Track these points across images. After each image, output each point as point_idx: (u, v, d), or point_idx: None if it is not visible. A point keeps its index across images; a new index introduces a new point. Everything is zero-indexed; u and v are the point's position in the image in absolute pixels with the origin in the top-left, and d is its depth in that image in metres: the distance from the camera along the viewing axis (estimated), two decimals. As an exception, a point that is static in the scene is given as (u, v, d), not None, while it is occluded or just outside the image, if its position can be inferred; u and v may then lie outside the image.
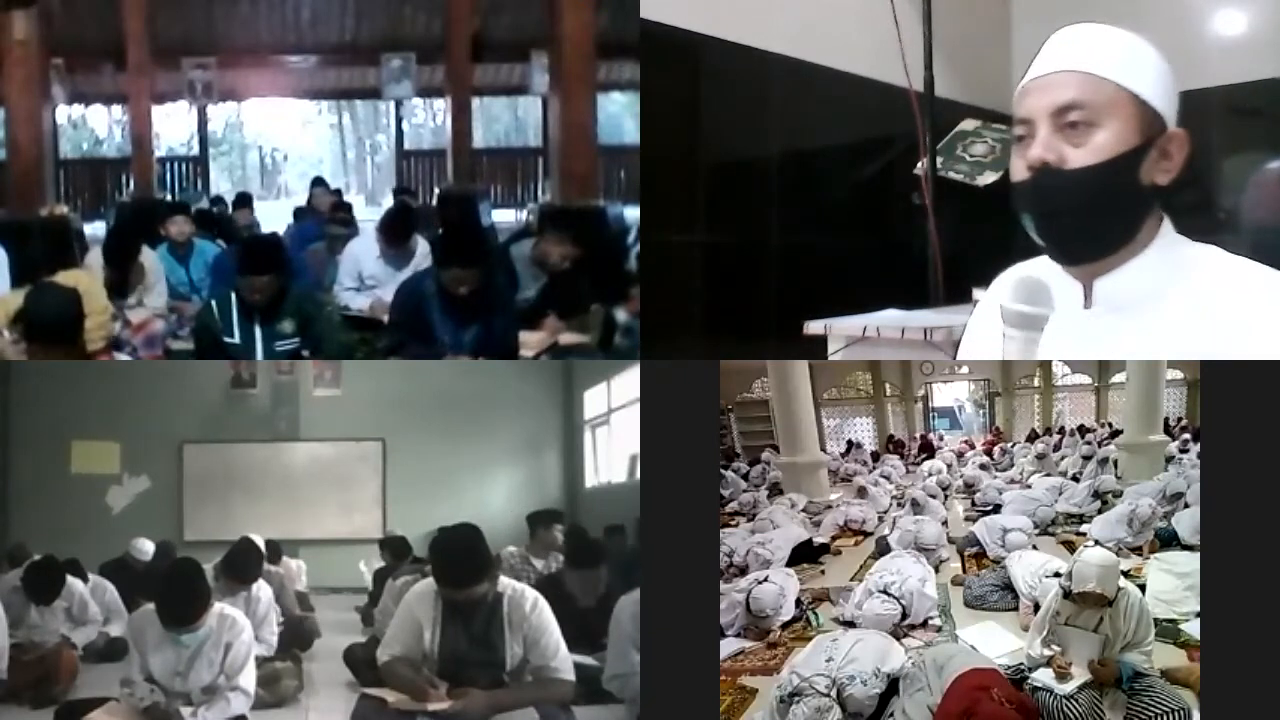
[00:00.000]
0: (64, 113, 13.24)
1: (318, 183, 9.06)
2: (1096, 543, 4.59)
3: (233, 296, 3.98)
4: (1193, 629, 3.33)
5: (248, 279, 3.89)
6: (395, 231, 5.55)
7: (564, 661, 2.71)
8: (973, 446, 11.86)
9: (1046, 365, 12.79)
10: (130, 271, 5.20)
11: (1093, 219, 1.68)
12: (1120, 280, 1.72)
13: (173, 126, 13.76)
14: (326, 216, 7.34)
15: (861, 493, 7.04)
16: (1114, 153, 1.66)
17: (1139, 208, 1.71)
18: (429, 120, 16.69)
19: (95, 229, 8.92)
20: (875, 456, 11.37)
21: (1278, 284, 1.67)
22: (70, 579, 4.26)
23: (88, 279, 3.73)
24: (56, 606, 4.12)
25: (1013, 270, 1.86)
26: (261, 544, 4.96)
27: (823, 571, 5.21)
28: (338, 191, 9.27)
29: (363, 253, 5.59)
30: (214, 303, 4.07)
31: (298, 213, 8.42)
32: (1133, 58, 1.72)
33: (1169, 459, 7.45)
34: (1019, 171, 1.72)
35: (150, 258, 5.49)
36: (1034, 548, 4.75)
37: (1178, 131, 1.73)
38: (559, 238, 4.68)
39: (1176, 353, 1.69)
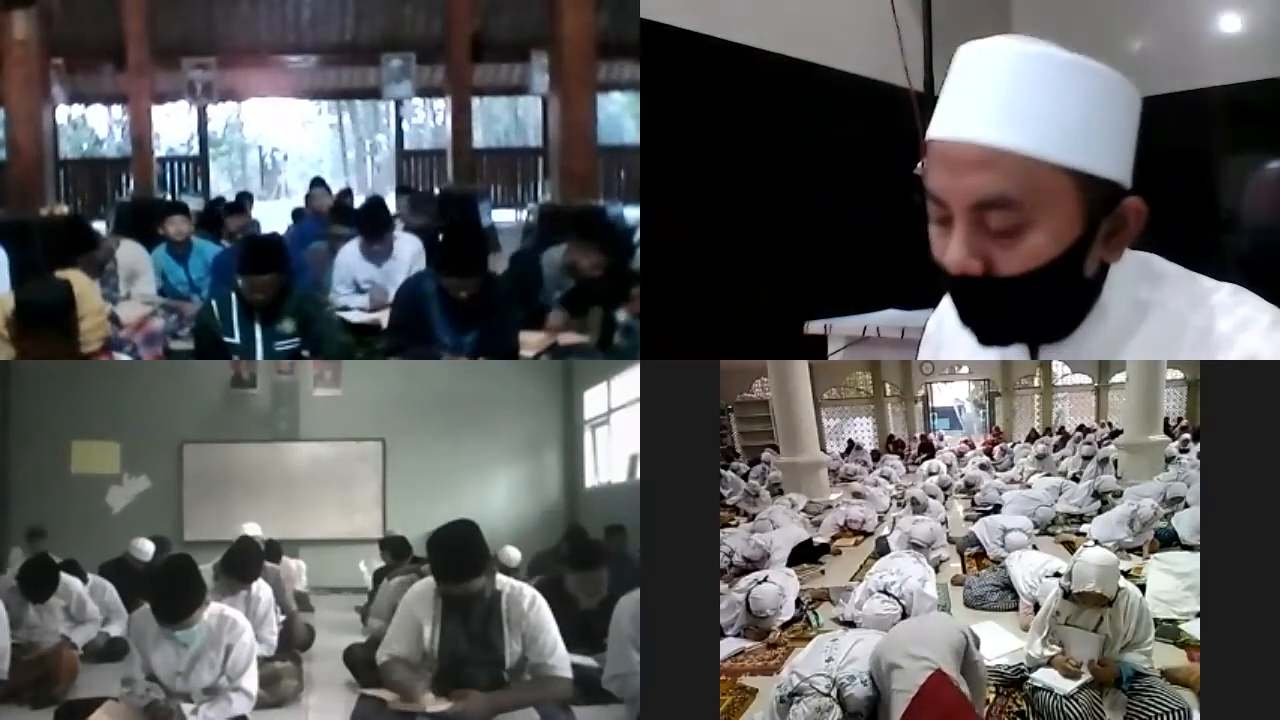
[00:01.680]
0: (64, 113, 13.26)
1: (317, 183, 9.04)
2: (1096, 543, 4.59)
3: (233, 296, 3.98)
4: (1193, 629, 3.33)
5: (249, 279, 3.89)
6: (370, 227, 5.56)
7: (561, 659, 2.71)
8: (972, 446, 11.87)
9: (1046, 365, 12.79)
10: (96, 253, 5.16)
11: (1028, 321, 1.39)
12: (1065, 350, 1.47)
13: (173, 126, 13.78)
14: (326, 216, 7.36)
15: (857, 495, 7.04)
16: (1053, 255, 1.30)
17: (1085, 298, 1.39)
18: (429, 120, 16.70)
19: (95, 229, 8.90)
20: (875, 456, 11.37)
21: (1243, 306, 1.41)
22: (67, 577, 4.25)
23: (84, 279, 3.73)
24: (55, 605, 4.11)
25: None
26: (261, 533, 4.96)
27: (823, 571, 5.21)
28: (346, 192, 9.25)
29: (351, 257, 5.60)
30: (214, 302, 4.06)
31: (296, 213, 8.42)
32: (1077, 109, 1.28)
33: (1169, 459, 7.45)
34: (938, 255, 1.37)
35: (132, 248, 5.48)
36: (1034, 548, 4.75)
37: (1133, 202, 1.34)
38: (589, 246, 4.69)
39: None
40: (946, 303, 1.68)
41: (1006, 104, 1.27)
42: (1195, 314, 1.39)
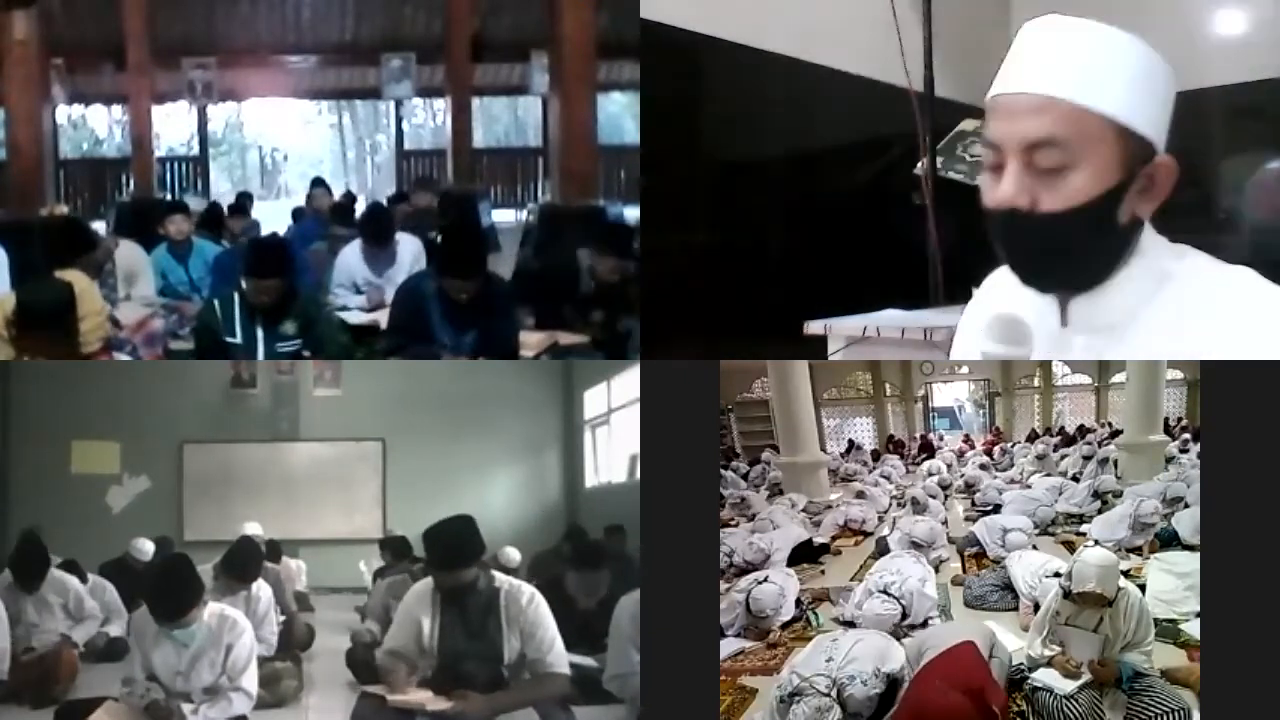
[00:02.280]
0: (64, 113, 13.26)
1: (317, 183, 9.02)
2: (1096, 543, 4.59)
3: (234, 296, 3.97)
4: (1193, 629, 3.33)
5: (254, 282, 3.88)
6: (374, 233, 5.56)
7: (559, 657, 2.72)
8: (973, 446, 11.87)
9: (1046, 365, 12.80)
10: (95, 254, 5.16)
11: (1067, 264, 1.54)
12: (1096, 302, 1.58)
13: (173, 126, 13.78)
14: (326, 216, 7.35)
15: (859, 495, 7.04)
16: (1091, 196, 1.46)
17: (1118, 245, 1.54)
18: (429, 120, 16.70)
19: (95, 229, 8.89)
20: (875, 456, 11.37)
21: (1257, 287, 1.52)
22: (65, 575, 4.23)
23: (84, 280, 3.73)
24: (54, 604, 4.10)
25: (995, 275, 1.76)
26: (262, 532, 4.93)
27: (823, 571, 5.21)
28: (349, 195, 9.24)
29: (353, 260, 5.60)
30: (215, 302, 4.06)
31: (296, 213, 8.41)
32: (1119, 72, 1.49)
33: (1169, 459, 7.45)
34: (989, 199, 1.54)
35: (131, 249, 5.48)
36: (1034, 548, 4.75)
37: (1165, 159, 1.53)
38: (611, 259, 4.72)
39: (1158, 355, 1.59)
40: (980, 294, 1.82)
41: (1061, 61, 1.48)
42: (1210, 288, 1.53)
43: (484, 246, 4.35)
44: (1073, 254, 1.52)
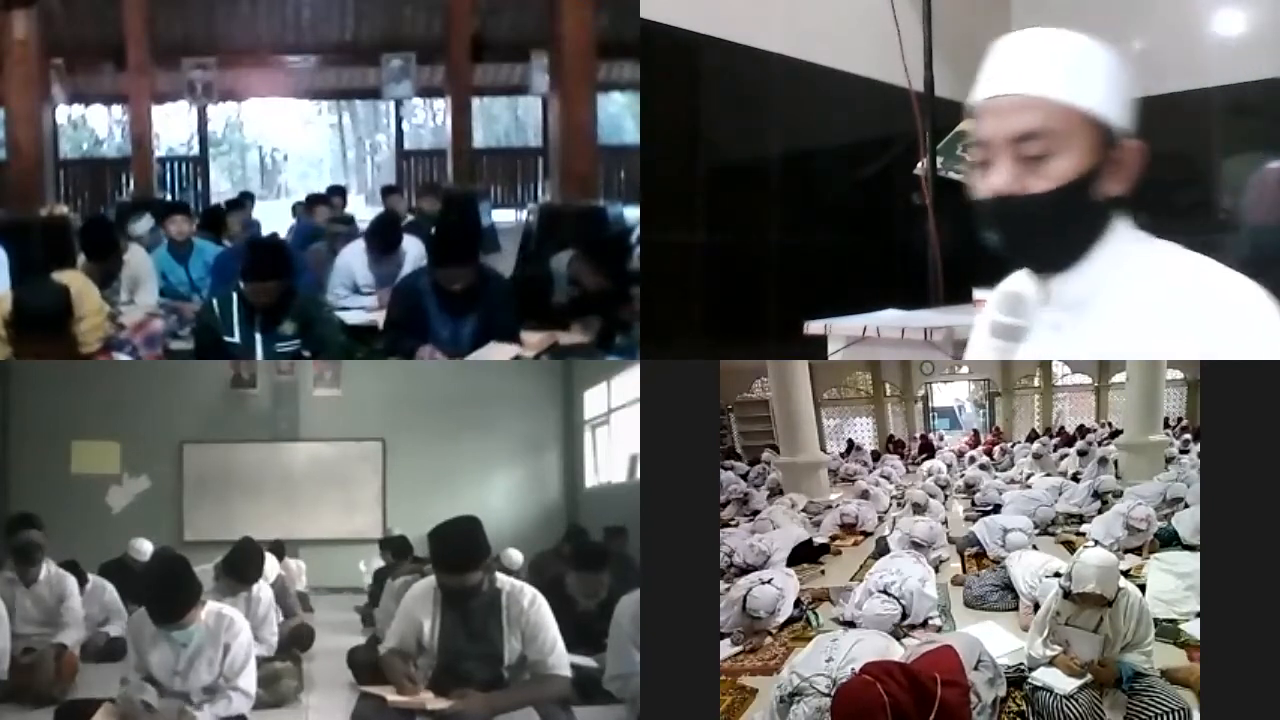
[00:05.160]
0: (64, 113, 13.25)
1: (319, 200, 8.74)
2: (1096, 543, 4.59)
3: (234, 296, 3.97)
4: (1193, 629, 3.33)
5: (253, 284, 3.88)
6: (381, 241, 5.57)
7: (560, 658, 2.72)
8: (979, 441, 11.87)
9: (1046, 365, 12.79)
10: (110, 261, 5.20)
11: (1052, 238, 1.74)
12: (1070, 279, 1.78)
13: (173, 126, 13.77)
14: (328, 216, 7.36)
15: (864, 495, 7.03)
16: (1071, 177, 1.69)
17: (1097, 221, 1.75)
18: (429, 120, 16.70)
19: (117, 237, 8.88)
20: (875, 456, 11.37)
21: (1229, 281, 1.66)
22: (64, 575, 4.18)
23: (81, 280, 3.72)
24: (47, 599, 4.04)
25: (1004, 283, 1.94)
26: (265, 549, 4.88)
27: (823, 571, 5.21)
28: (335, 189, 9.22)
29: (355, 261, 5.60)
30: (215, 302, 4.06)
31: (295, 208, 8.38)
32: (1088, 72, 1.72)
33: (1169, 459, 7.45)
34: (980, 190, 1.75)
35: (138, 254, 5.49)
36: (1034, 548, 4.75)
37: (1131, 143, 1.74)
38: (593, 268, 4.73)
39: (1115, 350, 1.77)
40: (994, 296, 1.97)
41: (1039, 66, 1.72)
42: (1169, 266, 1.72)
43: (477, 236, 4.37)
44: (1057, 230, 1.73)
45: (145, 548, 5.62)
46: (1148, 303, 1.68)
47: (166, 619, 2.86)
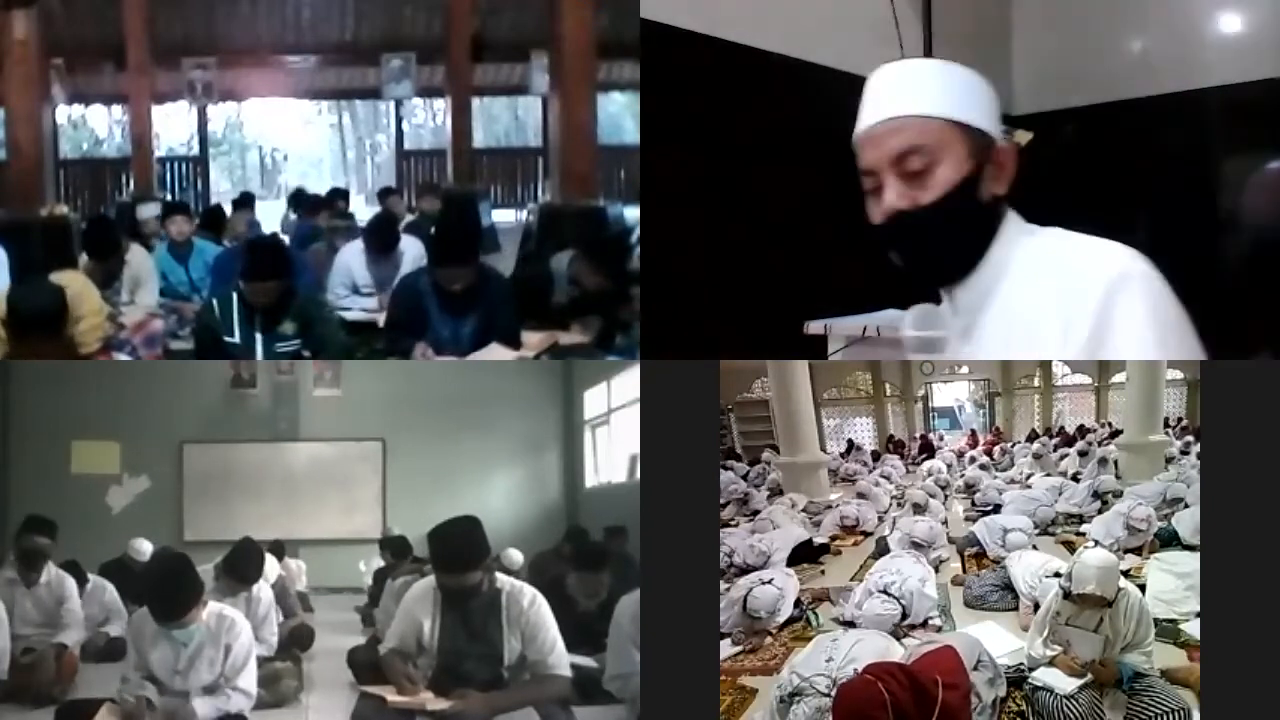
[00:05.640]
0: (64, 113, 13.26)
1: (320, 203, 8.67)
2: (1096, 543, 4.59)
3: (234, 297, 3.97)
4: (1193, 629, 3.33)
5: (252, 284, 3.87)
6: (379, 241, 5.57)
7: (560, 658, 2.72)
8: (976, 443, 11.87)
9: (1046, 365, 12.80)
10: (112, 262, 5.21)
11: (949, 245, 1.82)
12: (971, 284, 1.86)
13: (173, 126, 13.78)
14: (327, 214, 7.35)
15: (862, 495, 7.04)
16: (954, 183, 1.78)
17: (987, 222, 1.84)
18: (429, 120, 16.71)
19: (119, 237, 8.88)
20: (875, 456, 11.37)
21: (1101, 252, 1.74)
22: (65, 577, 4.18)
23: (80, 281, 3.72)
24: (46, 601, 4.04)
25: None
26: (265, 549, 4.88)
27: (823, 572, 5.21)
28: (336, 191, 9.21)
29: (353, 261, 5.60)
30: (215, 302, 4.05)
31: (294, 199, 8.33)
32: (951, 88, 1.82)
33: (1169, 459, 7.45)
34: (876, 216, 1.84)
35: (140, 254, 5.49)
36: (1034, 548, 4.75)
37: (1003, 145, 1.84)
38: (593, 268, 4.73)
39: (1011, 350, 1.83)
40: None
41: (907, 89, 1.83)
42: (1049, 246, 1.81)
43: (477, 235, 4.37)
44: (951, 238, 1.82)
45: (145, 548, 5.62)
46: (1034, 296, 1.75)
47: (168, 618, 2.85)
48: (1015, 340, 1.81)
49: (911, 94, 1.82)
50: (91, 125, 16.08)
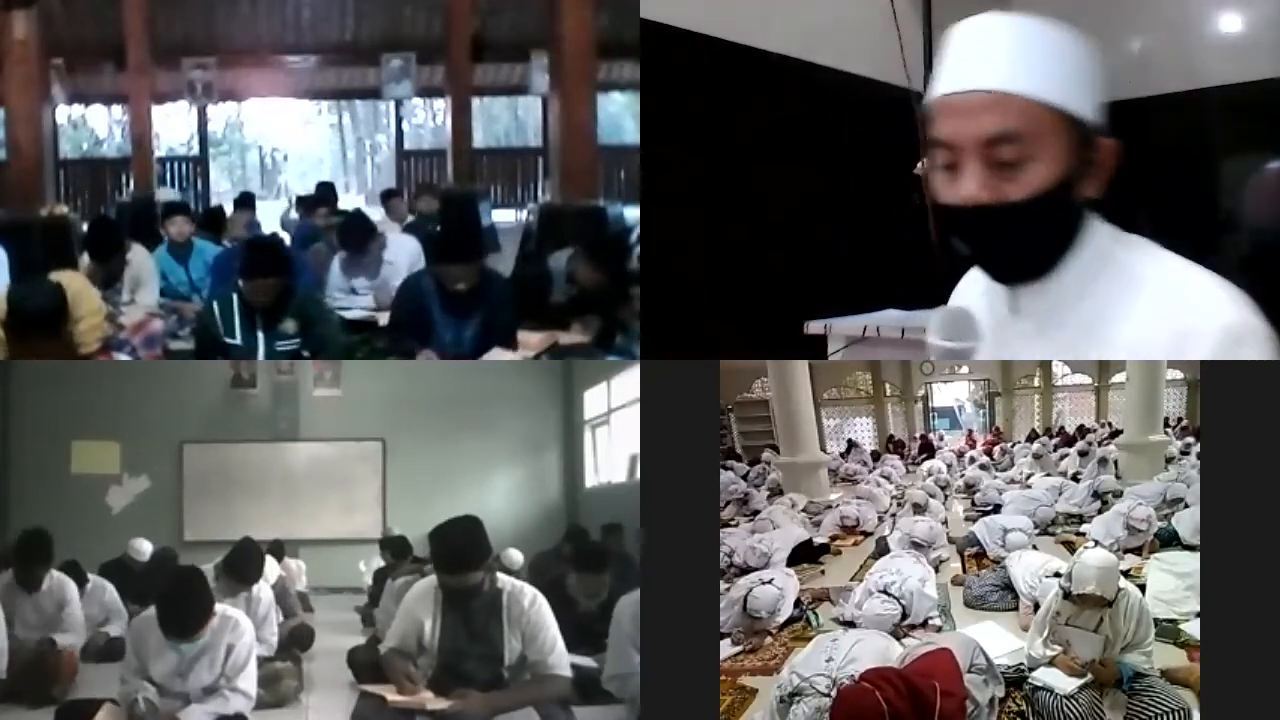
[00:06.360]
0: (64, 113, 13.26)
1: (315, 203, 8.71)
2: (1096, 543, 4.59)
3: (234, 297, 3.97)
4: (1193, 629, 3.33)
5: (250, 282, 3.88)
6: (346, 241, 5.57)
7: (560, 658, 2.72)
8: (974, 445, 11.87)
9: (1046, 365, 12.79)
10: (114, 263, 5.21)
11: (1031, 246, 1.59)
12: (1046, 288, 1.64)
13: (173, 126, 13.78)
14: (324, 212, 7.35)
15: (862, 496, 7.04)
16: (1051, 184, 1.53)
17: (1074, 226, 1.61)
18: (429, 120, 16.70)
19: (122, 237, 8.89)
20: (875, 456, 11.37)
21: (1214, 293, 1.53)
22: (65, 581, 4.17)
23: (80, 281, 3.72)
24: (47, 607, 4.04)
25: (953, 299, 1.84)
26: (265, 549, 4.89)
27: (823, 572, 5.21)
28: (325, 186, 9.23)
29: (335, 269, 5.59)
30: (214, 303, 4.06)
31: (296, 201, 8.35)
32: (1060, 63, 1.55)
33: (1169, 459, 7.45)
34: (947, 196, 1.59)
35: (140, 254, 5.50)
36: (1034, 548, 4.75)
37: (1109, 143, 1.59)
38: (593, 268, 4.73)
39: (1097, 354, 1.65)
40: (964, 287, 1.86)
41: (1009, 58, 1.53)
42: (1150, 269, 1.58)
43: (479, 236, 4.38)
44: (1037, 241, 1.59)
45: (145, 548, 5.62)
46: (1137, 324, 1.55)
47: (181, 634, 2.84)
48: (1105, 353, 1.62)
49: (1017, 64, 1.52)
50: (91, 125, 16.08)
